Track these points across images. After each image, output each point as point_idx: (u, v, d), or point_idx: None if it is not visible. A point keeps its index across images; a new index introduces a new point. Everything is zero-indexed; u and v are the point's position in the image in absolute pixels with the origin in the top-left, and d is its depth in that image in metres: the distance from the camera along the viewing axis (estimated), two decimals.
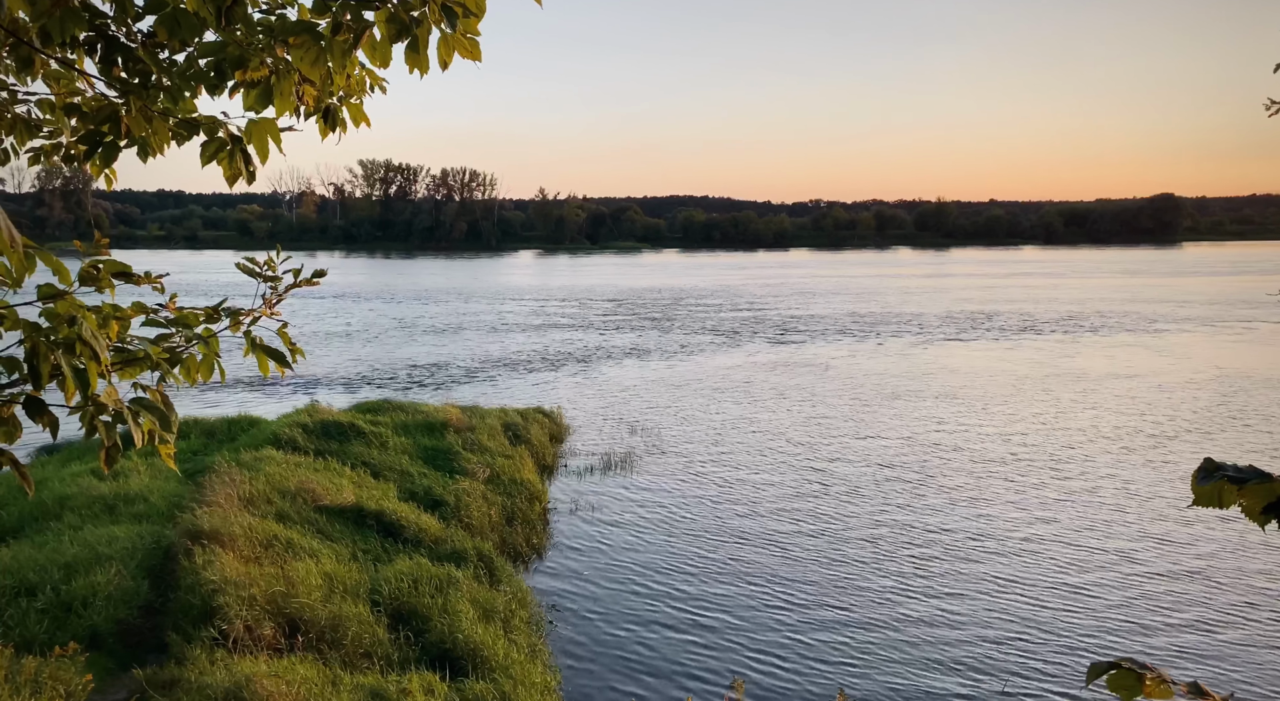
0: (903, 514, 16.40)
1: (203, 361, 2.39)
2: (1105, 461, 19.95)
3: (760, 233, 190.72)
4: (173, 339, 2.33)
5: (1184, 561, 14.11)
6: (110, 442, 2.13)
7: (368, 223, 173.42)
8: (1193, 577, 13.47)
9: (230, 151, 2.56)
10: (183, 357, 2.33)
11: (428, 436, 18.53)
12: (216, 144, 2.57)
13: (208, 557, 10.34)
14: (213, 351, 2.39)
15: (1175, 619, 12.12)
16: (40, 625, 9.19)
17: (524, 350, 38.33)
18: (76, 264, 2.28)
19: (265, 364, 2.50)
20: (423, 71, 2.41)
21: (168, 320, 2.34)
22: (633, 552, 14.57)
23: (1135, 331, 44.16)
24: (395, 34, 2.31)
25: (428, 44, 2.33)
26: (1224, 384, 29.45)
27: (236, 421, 19.95)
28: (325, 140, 3.48)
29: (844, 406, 26.20)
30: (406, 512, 13.78)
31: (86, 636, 9.12)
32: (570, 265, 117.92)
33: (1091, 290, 69.85)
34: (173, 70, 2.40)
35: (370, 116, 3.19)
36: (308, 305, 59.21)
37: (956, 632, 11.70)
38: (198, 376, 2.39)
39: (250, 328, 2.50)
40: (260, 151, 2.56)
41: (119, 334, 2.16)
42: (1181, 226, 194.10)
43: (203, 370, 2.40)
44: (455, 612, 10.55)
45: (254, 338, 2.49)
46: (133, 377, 2.26)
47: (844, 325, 47.47)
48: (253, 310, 2.52)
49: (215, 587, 9.72)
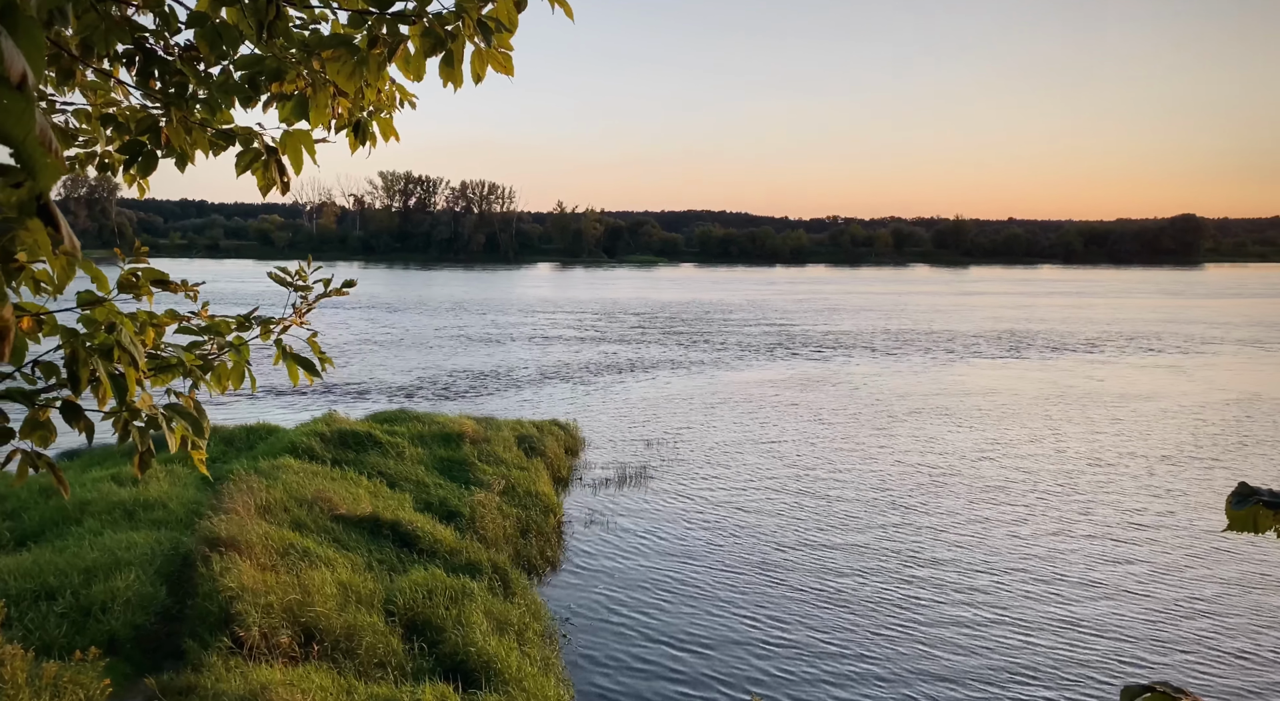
0: (924, 530, 16.27)
1: (233, 369, 2.42)
2: (1140, 484, 19.73)
3: (777, 248, 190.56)
4: (205, 346, 2.36)
5: (1208, 586, 13.92)
6: (144, 448, 2.15)
7: (387, 234, 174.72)
8: (1215, 603, 13.28)
9: (265, 162, 2.59)
10: (214, 365, 2.36)
11: (443, 447, 18.58)
12: (251, 154, 2.60)
13: (225, 565, 10.40)
14: (243, 359, 2.42)
15: (1203, 644, 11.95)
16: (60, 629, 9.25)
17: (540, 362, 38.40)
18: (113, 272, 2.31)
19: (295, 372, 2.53)
20: (457, 85, 2.43)
21: (200, 328, 2.37)
22: (647, 567, 14.52)
23: (1191, 353, 43.75)
24: (430, 48, 2.34)
25: (462, 58, 2.36)
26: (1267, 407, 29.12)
27: (255, 429, 20.07)
28: (355, 153, 3.53)
29: (869, 424, 26.06)
30: (422, 523, 13.80)
31: (105, 641, 9.18)
32: (587, 278, 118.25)
33: (1133, 311, 69.09)
34: (210, 82, 2.43)
35: (397, 130, 3.23)
36: (324, 315, 59.62)
37: (974, 657, 11.58)
38: (229, 384, 2.41)
39: (280, 336, 2.53)
40: (294, 162, 2.60)
41: (155, 341, 2.19)
42: (1203, 247, 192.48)
43: (233, 377, 2.43)
44: (469, 624, 10.54)
45: (284, 346, 2.52)
46: (166, 384, 2.29)
47: (874, 342, 47.25)
48: (283, 319, 2.54)
49: (232, 595, 9.77)
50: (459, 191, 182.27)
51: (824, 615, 12.71)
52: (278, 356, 2.54)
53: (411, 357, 39.62)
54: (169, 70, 2.42)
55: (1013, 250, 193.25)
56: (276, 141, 2.59)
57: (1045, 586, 13.83)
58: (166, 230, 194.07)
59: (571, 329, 52.96)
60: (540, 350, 42.74)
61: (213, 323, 2.39)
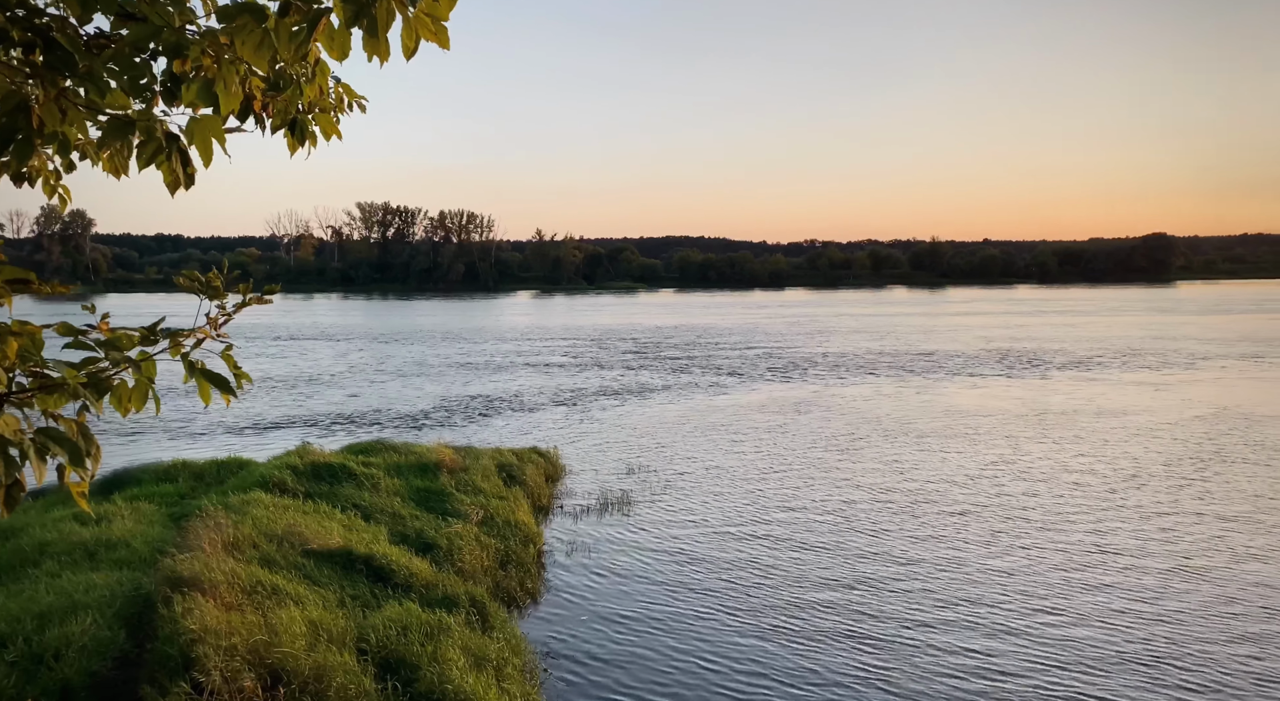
0: (915, 557, 16.00)
1: (135, 388, 2.12)
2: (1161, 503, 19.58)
3: (756, 272, 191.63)
4: (100, 363, 2.06)
5: (1185, 609, 13.71)
6: (9, 480, 1.85)
7: (366, 265, 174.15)
8: (1186, 626, 13.07)
9: (168, 153, 2.31)
10: (112, 384, 2.07)
11: (420, 477, 18.15)
12: (155, 144, 2.32)
13: (187, 606, 9.94)
14: (146, 377, 2.12)
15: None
16: (9, 679, 8.77)
17: (520, 390, 38.01)
18: None
19: (207, 391, 2.23)
20: (383, 59, 2.17)
21: (97, 342, 2.08)
22: (630, 598, 14.14)
23: (1199, 369, 43.97)
24: (352, 17, 2.08)
25: (387, 26, 2.10)
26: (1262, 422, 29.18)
27: (226, 463, 19.55)
28: (294, 155, 3.25)
29: (862, 448, 25.85)
30: (397, 556, 13.37)
31: (58, 690, 8.70)
32: (568, 305, 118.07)
33: (1128, 328, 69.40)
34: (95, 58, 2.15)
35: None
36: (303, 346, 58.97)
37: (964, 681, 11.27)
38: (130, 406, 2.12)
39: (191, 351, 2.24)
40: (203, 154, 2.32)
41: (20, 354, 1.89)
42: (1175, 265, 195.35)
43: (135, 399, 2.13)
44: (445, 661, 10.14)
45: (193, 362, 2.23)
46: (55, 407, 1.99)
47: (867, 364, 47.07)
48: (193, 330, 2.25)
49: (194, 637, 9.31)
50: (438, 221, 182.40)
51: (814, 647, 12.37)
52: (186, 374, 2.24)
53: (390, 387, 39.12)
54: (50, 43, 2.12)
55: (989, 271, 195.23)
56: (182, 129, 2.32)
57: (1060, 617, 13.56)
58: (142, 265, 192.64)
59: (553, 356, 52.61)
60: (522, 377, 42.34)
61: (112, 336, 2.10)
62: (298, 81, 2.99)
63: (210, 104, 2.25)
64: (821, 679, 11.27)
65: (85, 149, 2.38)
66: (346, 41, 2.21)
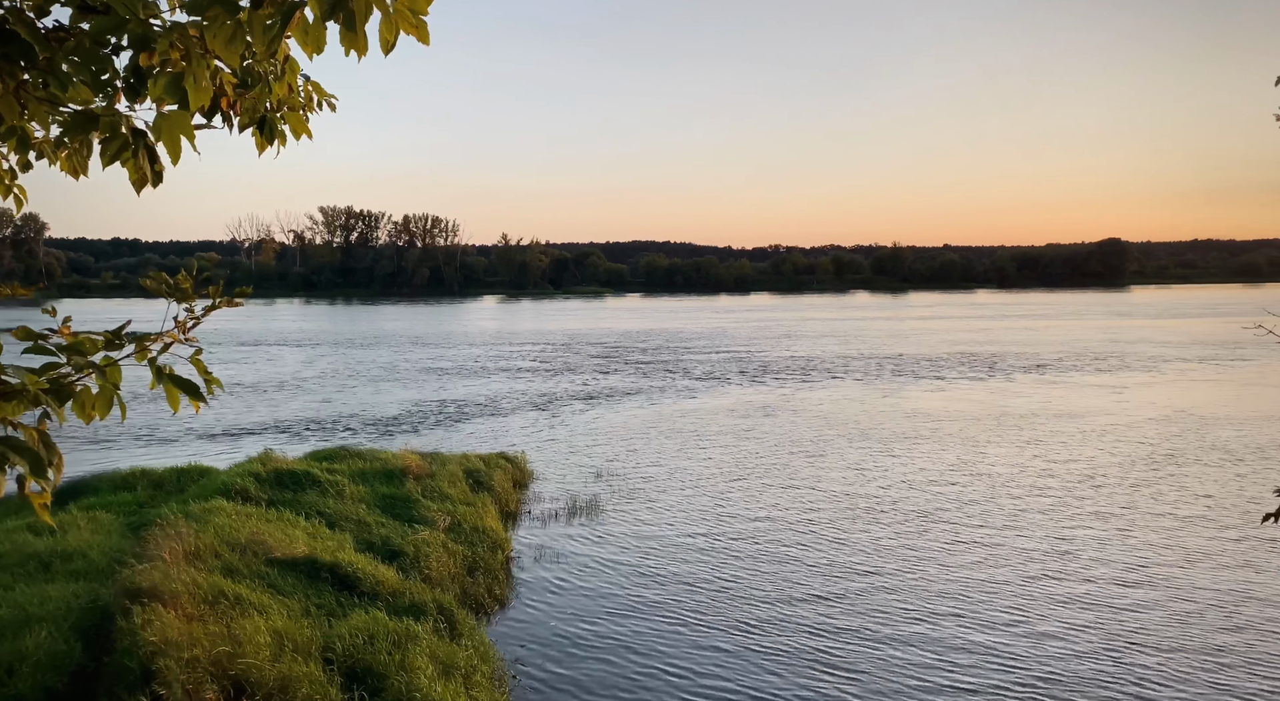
0: (876, 562, 16.10)
1: (100, 394, 2.04)
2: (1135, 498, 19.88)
3: (722, 277, 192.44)
4: (62, 368, 1.98)
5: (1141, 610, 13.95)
6: None
7: (329, 269, 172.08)
8: (1146, 630, 13.29)
9: (134, 150, 2.23)
10: (75, 390, 1.98)
11: (386, 484, 17.93)
12: (120, 141, 2.24)
13: (147, 617, 9.70)
14: (111, 383, 2.04)
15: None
16: None
17: (487, 395, 37.75)
18: None
19: (175, 397, 2.15)
20: (360, 53, 2.11)
21: (59, 347, 1.99)
22: (599, 602, 14.06)
23: (1162, 371, 44.77)
24: (329, 9, 2.02)
25: (365, 19, 2.04)
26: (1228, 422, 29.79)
27: (187, 471, 19.17)
28: (263, 154, 3.17)
29: (830, 451, 25.99)
30: (363, 564, 13.18)
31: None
32: (534, 310, 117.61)
33: (1090, 331, 70.50)
34: (61, 49, 2.06)
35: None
36: (268, 351, 58.09)
37: (938, 682, 11.35)
38: (94, 413, 2.03)
39: (159, 356, 2.16)
40: (171, 151, 2.23)
41: None
42: (1129, 270, 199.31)
43: (99, 405, 2.04)
44: (413, 669, 10.00)
45: (161, 367, 2.15)
46: (14, 414, 1.90)
47: (835, 368, 47.38)
48: (161, 334, 2.17)
49: (154, 649, 9.09)
50: (402, 225, 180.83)
51: (777, 652, 12.39)
52: (153, 380, 2.16)
53: (354, 393, 38.65)
54: (3, 32, 2.03)
55: (949, 275, 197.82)
56: (149, 125, 2.23)
57: (1024, 616, 13.71)
58: (98, 270, 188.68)
59: (521, 361, 52.34)
60: (490, 382, 42.06)
61: (75, 341, 2.01)
62: (266, 78, 2.92)
63: (178, 100, 2.18)
64: (784, 684, 11.29)
65: (42, 147, 2.29)
66: (322, 36, 2.14)
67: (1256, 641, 12.40)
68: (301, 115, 3.21)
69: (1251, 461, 23.54)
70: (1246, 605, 13.69)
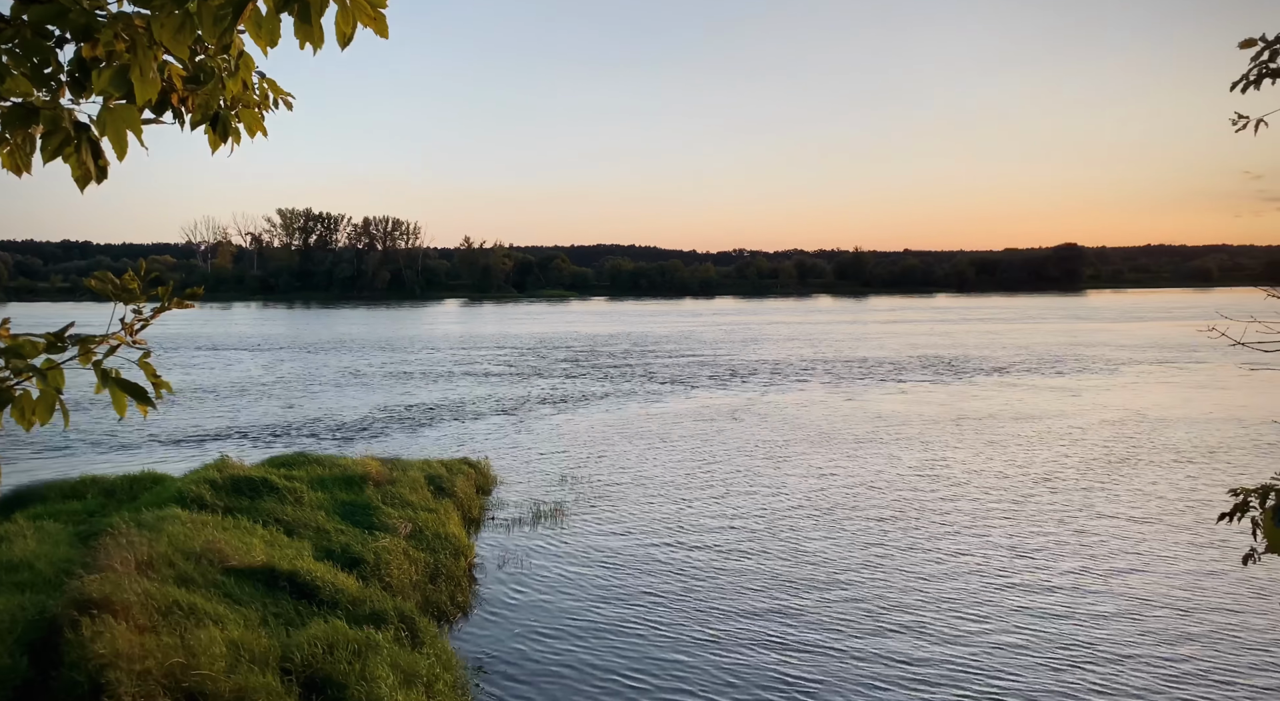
0: (838, 563, 16.20)
1: (40, 399, 1.95)
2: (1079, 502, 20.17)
3: (687, 281, 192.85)
4: (1, 372, 1.88)
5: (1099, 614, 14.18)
6: None
7: (287, 272, 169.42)
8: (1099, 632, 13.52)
9: (77, 145, 2.14)
10: (14, 395, 1.89)
11: (346, 491, 17.67)
12: (61, 135, 2.14)
13: (97, 629, 9.44)
14: (53, 387, 1.95)
15: None
16: None
17: (449, 400, 37.42)
18: None
19: (121, 401, 2.07)
20: (316, 46, 2.05)
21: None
22: (563, 608, 13.97)
23: (1121, 374, 45.54)
24: (282, 2, 1.95)
25: (321, 11, 1.97)
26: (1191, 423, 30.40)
27: (139, 479, 18.74)
28: (215, 152, 3.08)
29: (794, 453, 26.11)
30: (322, 572, 12.96)
31: None
32: (499, 314, 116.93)
33: (1052, 335, 71.51)
34: (2, 39, 1.96)
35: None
36: (226, 356, 57.06)
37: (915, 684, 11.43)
38: (34, 419, 1.94)
39: (104, 359, 2.07)
40: (117, 147, 2.15)
41: None
42: (1085, 274, 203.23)
43: (40, 410, 1.95)
44: (374, 678, 9.85)
45: (107, 370, 2.06)
46: None
47: (802, 371, 47.65)
48: (107, 336, 2.08)
49: (104, 662, 8.84)
50: (362, 228, 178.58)
51: (739, 658, 12.40)
52: (99, 384, 2.07)
53: (314, 399, 38.09)
54: None
55: (910, 280, 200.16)
56: (92, 120, 2.14)
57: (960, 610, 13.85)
58: (47, 273, 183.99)
59: (486, 365, 51.98)
60: (451, 387, 41.69)
61: (14, 343, 1.92)
62: (220, 74, 2.83)
63: (124, 93, 2.09)
64: (746, 690, 11.29)
65: None
66: (276, 28, 2.07)
67: (1209, 642, 12.66)
68: (257, 113, 3.13)
69: (1202, 462, 24.09)
70: (1200, 606, 13.98)
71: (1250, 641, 12.55)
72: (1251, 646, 12.40)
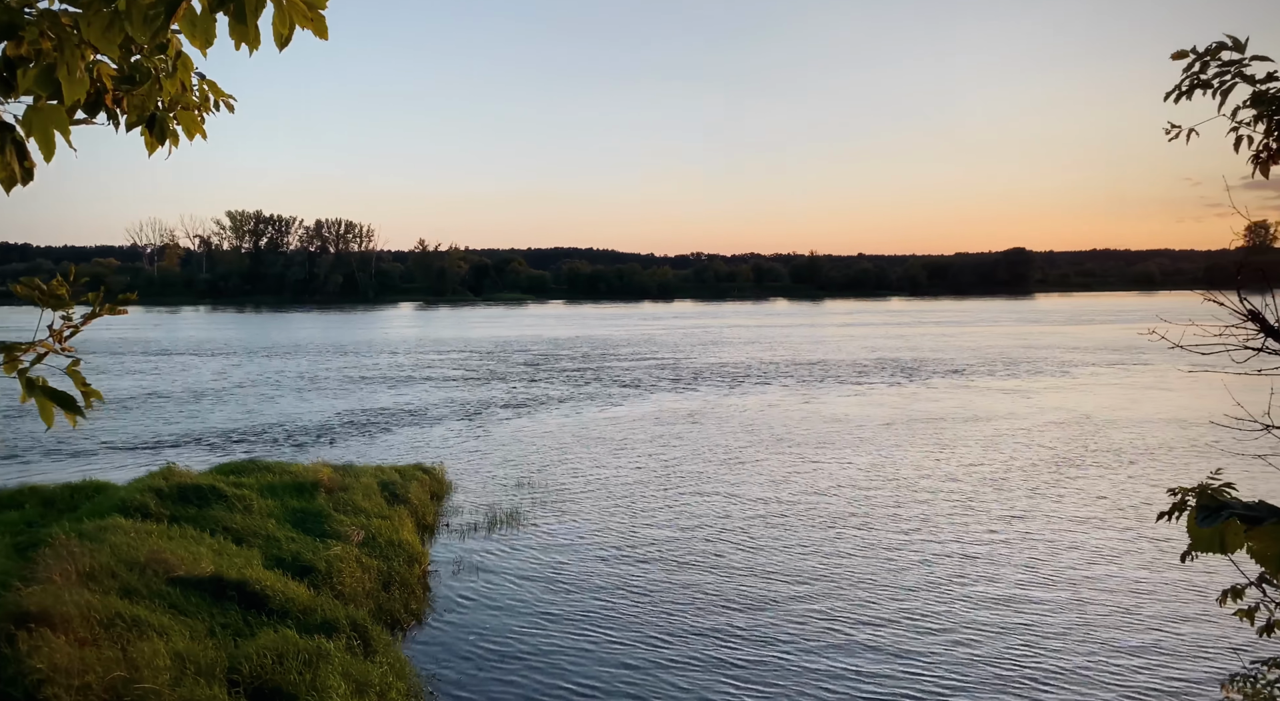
0: (790, 566, 16.32)
1: None
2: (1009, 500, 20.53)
3: (645, 284, 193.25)
4: None
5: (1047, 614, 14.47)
6: None
7: (236, 276, 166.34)
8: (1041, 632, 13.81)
9: (1, 145, 2.06)
10: None
11: (297, 498, 17.37)
12: None
13: (34, 643, 9.15)
14: None
15: None
16: None
17: (403, 405, 37.01)
18: None
19: (48, 410, 2.00)
20: (252, 47, 2.00)
21: None
22: (517, 615, 13.89)
23: (1065, 375, 46.41)
24: (217, 1, 1.91)
25: (257, 12, 1.93)
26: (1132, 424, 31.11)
27: (80, 487, 18.22)
28: (153, 155, 3.01)
29: (755, 457, 26.24)
30: (272, 581, 12.72)
31: None
32: (455, 317, 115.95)
33: (1000, 338, 72.72)
34: None
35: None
36: (179, 361, 55.78)
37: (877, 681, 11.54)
38: None
39: (31, 367, 2.00)
40: (44, 147, 2.08)
41: None
42: (1033, 278, 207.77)
43: None
44: (325, 688, 9.70)
45: (33, 379, 1.99)
46: None
47: (763, 374, 47.88)
48: (33, 344, 2.01)
49: (42, 677, 8.58)
50: (314, 231, 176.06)
51: (705, 653, 12.43)
52: (24, 393, 2.00)
53: (263, 404, 37.42)
54: None
55: (864, 283, 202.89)
56: (18, 119, 2.07)
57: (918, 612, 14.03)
58: None
59: (443, 369, 51.49)
60: (408, 392, 41.24)
61: None
62: (157, 75, 2.77)
63: (51, 93, 2.03)
64: (699, 693, 11.33)
65: None
66: (211, 28, 2.02)
67: (1152, 637, 12.99)
68: (196, 115, 3.06)
69: (1146, 462, 24.73)
70: (1142, 602, 14.34)
71: (1186, 633, 12.90)
72: (1186, 637, 12.75)
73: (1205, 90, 3.78)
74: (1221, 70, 3.78)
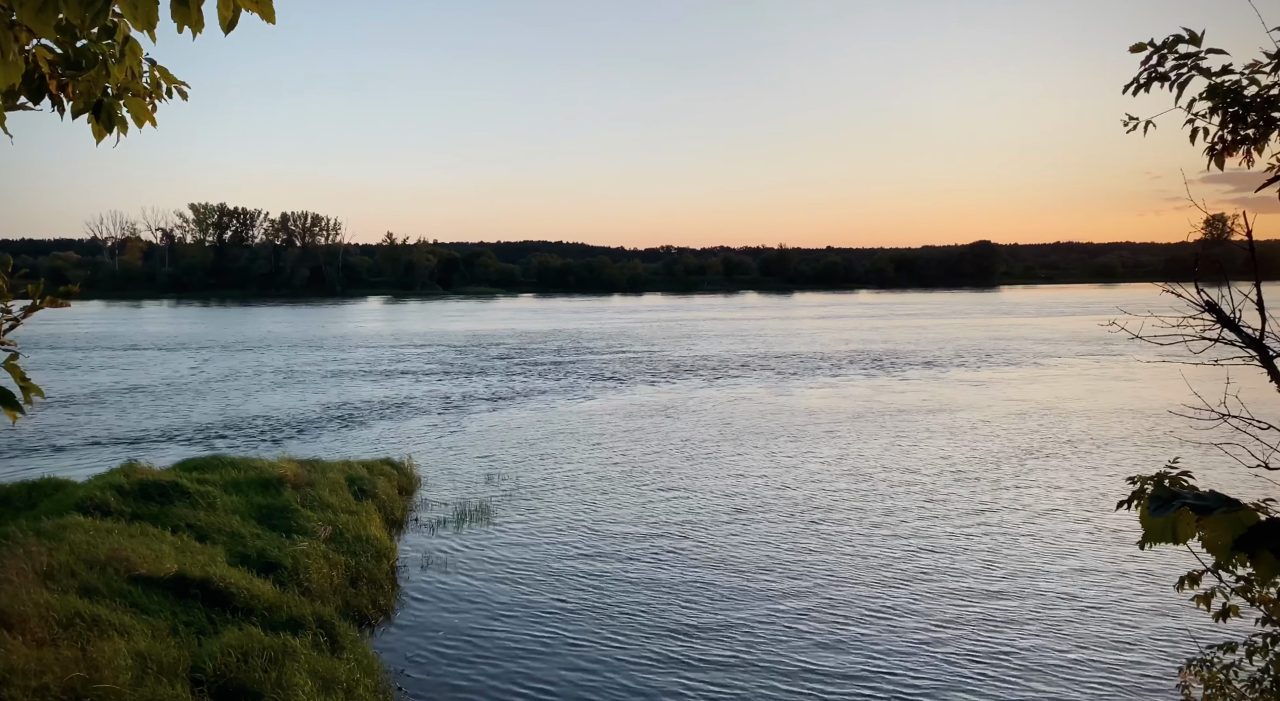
0: (756, 560, 16.41)
1: None
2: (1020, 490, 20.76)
3: (615, 278, 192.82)
4: None
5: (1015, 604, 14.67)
6: None
7: (200, 270, 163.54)
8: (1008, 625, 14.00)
9: None
10: None
11: (262, 494, 17.15)
12: None
13: None
14: None
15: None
16: None
17: (370, 399, 36.67)
18: None
19: None
20: (195, 30, 1.95)
21: None
22: (489, 609, 13.83)
23: (1036, 366, 46.94)
24: None
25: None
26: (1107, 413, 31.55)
27: (39, 485, 17.84)
28: (100, 143, 2.92)
29: (729, 450, 26.31)
30: (237, 578, 12.55)
31: None
32: (424, 311, 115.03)
33: (970, 330, 73.40)
34: None
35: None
36: (141, 356, 54.82)
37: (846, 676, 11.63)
38: None
39: None
40: None
41: None
42: (999, 271, 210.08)
43: None
44: (291, 686, 9.59)
45: None
46: None
47: (737, 367, 47.98)
48: None
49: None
50: (280, 224, 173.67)
51: (676, 648, 12.46)
52: None
53: (228, 400, 36.90)
54: None
55: (833, 276, 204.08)
56: None
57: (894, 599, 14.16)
58: None
59: (413, 364, 51.08)
60: (369, 386, 40.86)
61: None
62: (104, 61, 2.69)
63: None
64: (668, 689, 11.36)
65: None
66: (153, 10, 1.95)
67: (1111, 624, 13.22)
68: (146, 102, 2.98)
69: (1105, 452, 25.15)
70: (1101, 590, 14.59)
71: (1145, 620, 13.15)
72: (1146, 624, 12.99)
73: (1163, 83, 3.82)
74: (1179, 63, 3.82)
